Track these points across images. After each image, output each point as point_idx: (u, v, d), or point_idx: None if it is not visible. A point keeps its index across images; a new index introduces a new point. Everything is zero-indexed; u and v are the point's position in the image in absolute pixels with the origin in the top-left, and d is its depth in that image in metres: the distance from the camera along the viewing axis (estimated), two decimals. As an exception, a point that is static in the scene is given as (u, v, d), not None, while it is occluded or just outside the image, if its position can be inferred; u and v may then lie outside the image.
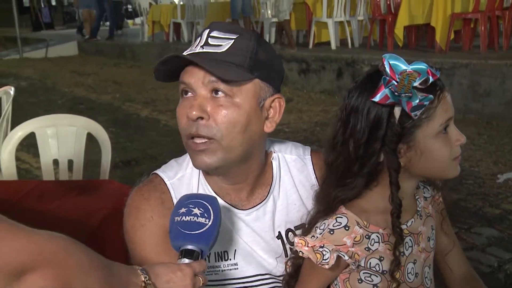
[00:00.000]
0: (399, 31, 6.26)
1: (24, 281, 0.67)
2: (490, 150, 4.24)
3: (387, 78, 0.95)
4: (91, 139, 2.38)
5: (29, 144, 2.80)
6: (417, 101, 0.95)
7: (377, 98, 0.96)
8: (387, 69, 0.95)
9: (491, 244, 2.79)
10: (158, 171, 1.17)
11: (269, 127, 1.10)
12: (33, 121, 2.33)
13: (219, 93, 1.02)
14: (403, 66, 0.95)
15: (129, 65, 10.29)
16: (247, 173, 1.13)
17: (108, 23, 12.76)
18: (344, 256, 1.01)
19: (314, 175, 1.20)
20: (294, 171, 1.20)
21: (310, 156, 1.23)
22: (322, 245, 1.01)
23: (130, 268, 0.87)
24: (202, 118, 1.02)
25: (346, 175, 1.04)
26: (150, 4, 11.79)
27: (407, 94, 0.95)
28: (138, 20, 14.48)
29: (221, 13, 9.20)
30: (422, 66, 0.96)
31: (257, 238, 1.15)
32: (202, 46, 1.04)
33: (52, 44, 12.50)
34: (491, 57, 5.38)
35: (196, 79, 1.02)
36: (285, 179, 1.19)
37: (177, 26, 10.63)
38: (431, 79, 0.95)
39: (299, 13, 7.90)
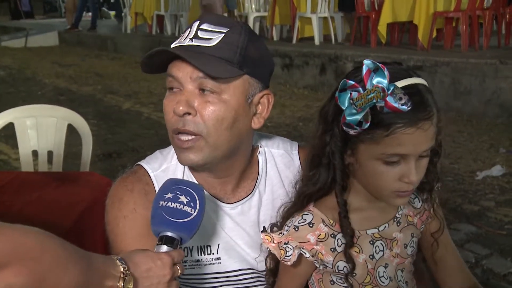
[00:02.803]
0: (382, 28, 6.31)
1: None
2: (470, 147, 4.30)
3: (353, 82, 0.90)
4: (71, 131, 2.35)
5: (7, 135, 2.76)
6: (352, 118, 0.89)
7: (337, 94, 0.92)
8: (363, 74, 0.90)
9: (469, 240, 2.83)
10: (142, 162, 1.15)
11: (256, 123, 1.09)
12: (12, 111, 2.29)
13: (207, 90, 1.00)
14: (382, 79, 0.88)
15: (111, 57, 10.17)
16: (233, 168, 1.12)
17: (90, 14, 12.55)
18: (305, 254, 1.00)
19: (301, 177, 1.18)
20: (280, 166, 1.20)
21: (297, 152, 1.23)
22: (287, 242, 1.01)
23: (108, 259, 0.84)
24: (189, 113, 1.00)
25: (311, 166, 1.04)
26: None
27: (355, 108, 0.89)
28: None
29: (205, 6, 9.13)
30: (391, 87, 0.87)
31: (241, 233, 1.15)
32: (191, 39, 1.02)
33: (32, 33, 12.26)
34: (471, 56, 5.45)
35: (184, 74, 1.01)
36: (272, 173, 1.19)
37: (160, 19, 10.52)
38: (384, 110, 0.88)
39: (283, 8, 7.89)
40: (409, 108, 0.87)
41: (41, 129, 2.28)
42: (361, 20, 7.24)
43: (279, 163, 1.20)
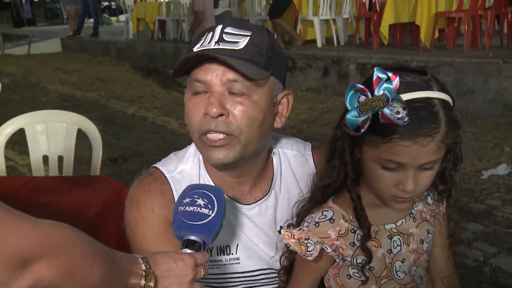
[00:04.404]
0: (384, 30, 6.32)
1: (30, 270, 0.67)
2: (475, 147, 4.31)
3: (362, 86, 0.92)
4: (78, 136, 2.36)
5: (14, 141, 2.76)
6: (352, 120, 0.91)
7: (348, 94, 0.94)
8: (373, 80, 0.90)
9: (477, 239, 2.84)
10: (158, 165, 1.16)
11: (279, 122, 1.11)
12: (22, 117, 2.30)
13: (237, 92, 1.02)
14: (391, 86, 0.88)
15: (113, 62, 10.20)
16: (252, 167, 1.14)
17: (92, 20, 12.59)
18: (327, 249, 1.02)
19: (316, 171, 1.20)
20: (295, 166, 1.21)
21: (311, 152, 1.24)
22: (307, 237, 1.03)
23: (131, 257, 0.86)
24: (222, 114, 1.01)
25: (326, 159, 1.06)
26: (135, 1, 11.69)
27: (358, 111, 0.91)
28: (122, 18, 14.35)
29: (206, 11, 9.15)
30: (396, 103, 0.88)
31: (259, 233, 1.16)
32: (217, 42, 1.02)
33: (34, 40, 12.30)
34: (474, 55, 5.46)
35: (214, 77, 1.01)
36: (286, 174, 1.20)
37: (162, 24, 10.56)
38: (381, 120, 0.89)
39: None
40: (405, 123, 0.88)
41: (51, 134, 2.30)
42: (362, 22, 7.27)
43: (293, 164, 1.21)
